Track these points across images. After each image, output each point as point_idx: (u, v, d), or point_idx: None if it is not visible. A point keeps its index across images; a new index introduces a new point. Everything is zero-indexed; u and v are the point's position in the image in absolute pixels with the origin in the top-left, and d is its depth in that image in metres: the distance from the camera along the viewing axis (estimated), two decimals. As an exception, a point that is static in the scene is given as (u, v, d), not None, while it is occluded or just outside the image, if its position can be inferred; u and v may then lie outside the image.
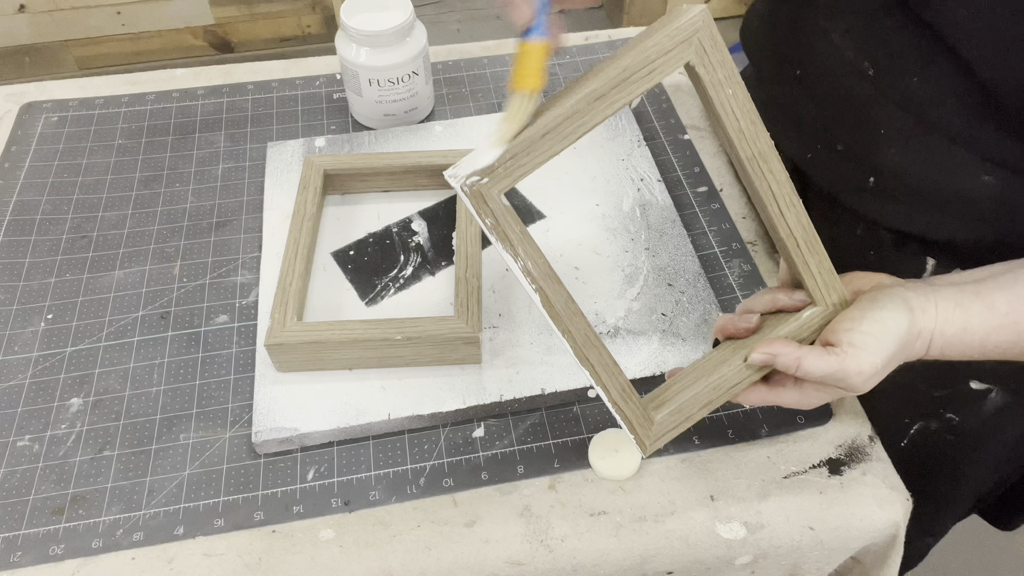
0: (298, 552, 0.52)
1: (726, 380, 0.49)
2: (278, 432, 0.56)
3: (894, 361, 0.47)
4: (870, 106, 0.53)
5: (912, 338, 0.46)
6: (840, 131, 0.57)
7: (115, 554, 0.53)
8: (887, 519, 0.54)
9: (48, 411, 0.59)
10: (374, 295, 0.65)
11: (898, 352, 0.46)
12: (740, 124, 0.44)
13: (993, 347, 0.47)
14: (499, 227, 0.42)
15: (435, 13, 2.38)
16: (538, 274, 0.43)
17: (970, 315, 0.47)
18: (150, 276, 0.68)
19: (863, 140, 0.55)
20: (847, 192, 0.57)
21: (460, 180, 0.40)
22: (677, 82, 0.85)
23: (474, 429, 0.58)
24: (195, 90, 0.85)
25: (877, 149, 0.54)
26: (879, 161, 0.54)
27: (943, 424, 0.64)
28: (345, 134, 0.78)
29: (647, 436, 0.49)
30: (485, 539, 0.53)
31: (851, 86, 0.54)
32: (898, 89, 0.51)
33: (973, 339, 0.47)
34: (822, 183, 0.60)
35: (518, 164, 0.41)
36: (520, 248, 0.43)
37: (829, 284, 0.49)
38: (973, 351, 0.48)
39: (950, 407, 0.63)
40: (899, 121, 0.52)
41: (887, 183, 0.55)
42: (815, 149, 0.59)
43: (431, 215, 0.71)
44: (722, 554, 0.54)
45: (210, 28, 2.04)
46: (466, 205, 0.41)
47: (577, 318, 0.45)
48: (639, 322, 0.62)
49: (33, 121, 0.81)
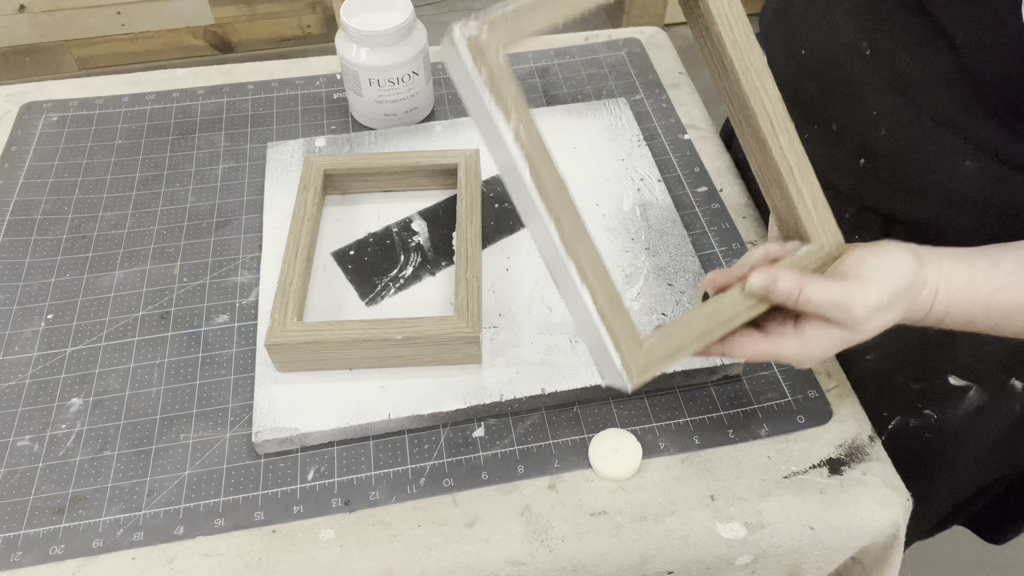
0: (298, 552, 0.52)
1: (722, 311, 0.45)
2: (278, 432, 0.56)
3: (900, 303, 0.44)
4: (864, 86, 0.54)
5: (919, 284, 0.45)
6: (836, 110, 0.58)
7: (115, 554, 0.53)
8: (887, 519, 0.54)
9: (48, 411, 0.59)
10: (374, 295, 0.65)
11: (904, 293, 0.44)
12: (735, 34, 0.43)
13: (998, 307, 0.46)
14: (494, 83, 0.38)
15: (435, 13, 2.38)
16: (529, 142, 0.39)
17: (976, 270, 0.46)
18: (150, 276, 0.68)
19: (856, 120, 0.56)
20: (839, 174, 0.58)
21: (458, 31, 0.38)
22: (677, 82, 0.85)
23: (474, 429, 0.58)
24: (195, 90, 0.85)
25: (869, 130, 0.55)
26: (870, 142, 0.55)
27: (921, 421, 0.65)
28: (345, 134, 0.78)
29: (634, 359, 0.42)
30: (485, 539, 0.53)
31: (847, 65, 0.55)
32: (890, 68, 0.52)
33: (979, 294, 0.46)
34: (816, 164, 0.60)
35: (520, 22, 0.39)
36: (514, 109, 0.38)
37: (823, 220, 0.47)
38: (978, 310, 0.46)
39: (929, 403, 0.64)
40: (890, 101, 0.53)
41: (877, 165, 0.56)
42: (812, 129, 0.59)
43: (431, 215, 0.71)
44: (722, 554, 0.54)
45: (210, 28, 2.04)
46: (464, 62, 0.38)
47: (566, 203, 0.40)
48: (639, 322, 0.62)
49: (33, 121, 0.81)
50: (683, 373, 0.59)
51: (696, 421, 0.59)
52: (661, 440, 0.58)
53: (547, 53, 0.89)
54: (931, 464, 0.68)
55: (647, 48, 0.90)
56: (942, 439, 0.65)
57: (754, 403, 0.60)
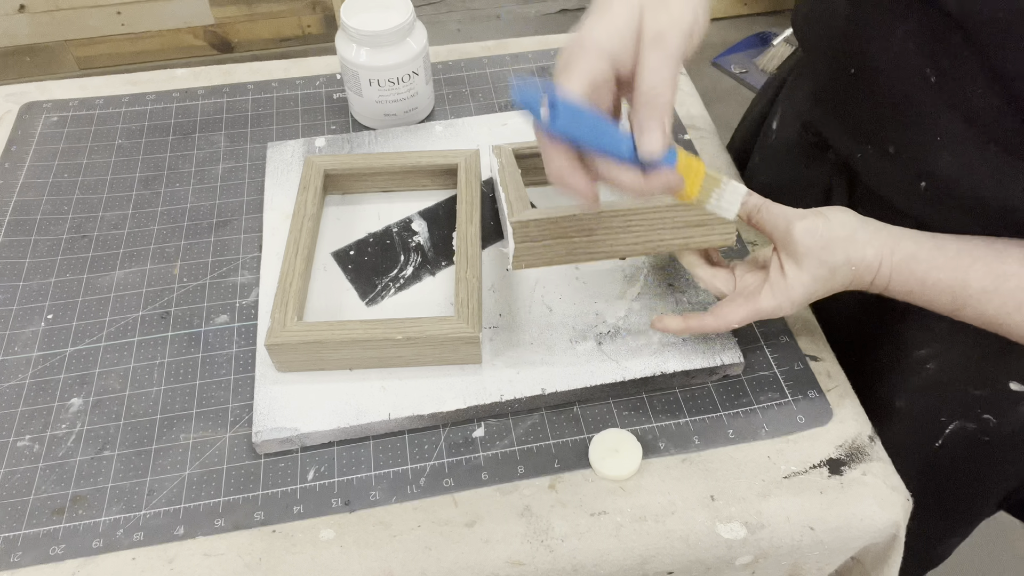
0: (298, 552, 0.52)
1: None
2: (278, 432, 0.56)
3: (838, 244, 0.51)
4: (927, 112, 0.52)
5: (859, 234, 0.51)
6: (892, 132, 0.56)
7: (115, 554, 0.53)
8: (887, 519, 0.54)
9: (48, 411, 0.59)
10: (374, 295, 0.65)
11: (840, 228, 0.51)
12: None
13: (933, 284, 0.51)
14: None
15: (435, 13, 2.38)
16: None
17: (920, 247, 0.51)
18: (150, 276, 0.68)
19: (917, 144, 0.54)
20: (898, 194, 0.57)
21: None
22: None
23: (474, 429, 0.58)
24: (195, 90, 0.85)
25: (930, 154, 0.53)
26: (932, 166, 0.53)
27: (980, 425, 0.64)
28: (345, 134, 0.78)
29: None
30: (485, 539, 0.53)
31: (909, 90, 0.53)
32: (960, 99, 0.50)
33: (919, 268, 0.51)
34: (871, 183, 0.59)
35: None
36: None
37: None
38: (914, 284, 0.51)
39: (988, 408, 0.63)
40: (957, 130, 0.51)
41: (939, 188, 0.54)
42: (865, 149, 0.58)
43: (431, 215, 0.71)
44: (722, 554, 0.54)
45: (210, 28, 2.04)
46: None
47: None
48: (639, 322, 0.62)
49: (33, 121, 0.81)
50: (683, 373, 0.59)
51: (696, 421, 0.59)
52: (661, 440, 0.58)
53: (547, 53, 0.89)
54: (988, 467, 0.68)
55: (647, 48, 0.90)
56: (1000, 442, 0.65)
57: (754, 403, 0.60)
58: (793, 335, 0.64)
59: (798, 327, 0.65)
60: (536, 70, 0.87)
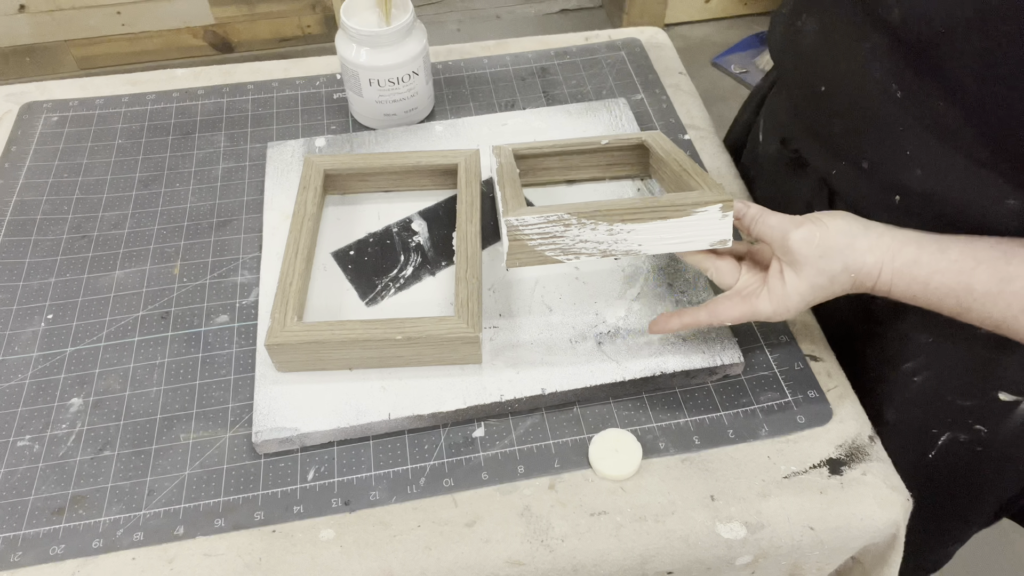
0: (298, 552, 0.52)
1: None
2: (278, 432, 0.56)
3: (836, 251, 0.51)
4: (895, 127, 0.53)
5: (860, 242, 0.51)
6: (865, 148, 0.56)
7: (115, 554, 0.53)
8: (887, 519, 0.54)
9: (48, 411, 0.59)
10: (374, 295, 0.65)
11: (839, 235, 0.51)
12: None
13: (936, 288, 0.51)
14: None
15: (435, 13, 2.38)
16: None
17: (923, 251, 0.51)
18: (150, 276, 0.68)
19: (888, 160, 0.55)
20: (874, 209, 0.57)
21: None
22: (676, 82, 0.85)
23: (474, 429, 0.58)
24: (195, 90, 0.85)
25: (902, 169, 0.54)
26: (905, 181, 0.54)
27: (971, 435, 0.64)
28: (345, 134, 0.78)
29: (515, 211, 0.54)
30: (485, 539, 0.53)
31: (876, 106, 0.54)
32: (926, 113, 0.51)
33: (920, 272, 0.51)
34: (848, 198, 0.59)
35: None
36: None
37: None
38: (918, 287, 0.51)
39: (979, 419, 0.63)
40: (925, 143, 0.52)
41: (913, 203, 0.54)
42: (840, 165, 0.59)
43: (431, 215, 0.71)
44: (722, 554, 0.54)
45: (210, 28, 2.04)
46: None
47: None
48: (639, 322, 0.62)
49: (33, 121, 0.81)
50: (683, 373, 0.59)
51: (696, 421, 0.59)
52: (661, 440, 0.58)
53: (547, 53, 0.89)
54: (983, 476, 0.68)
55: (647, 48, 0.90)
56: (993, 452, 0.65)
57: (754, 403, 0.60)
58: (793, 335, 0.64)
59: (798, 327, 0.65)
60: (536, 70, 0.87)
